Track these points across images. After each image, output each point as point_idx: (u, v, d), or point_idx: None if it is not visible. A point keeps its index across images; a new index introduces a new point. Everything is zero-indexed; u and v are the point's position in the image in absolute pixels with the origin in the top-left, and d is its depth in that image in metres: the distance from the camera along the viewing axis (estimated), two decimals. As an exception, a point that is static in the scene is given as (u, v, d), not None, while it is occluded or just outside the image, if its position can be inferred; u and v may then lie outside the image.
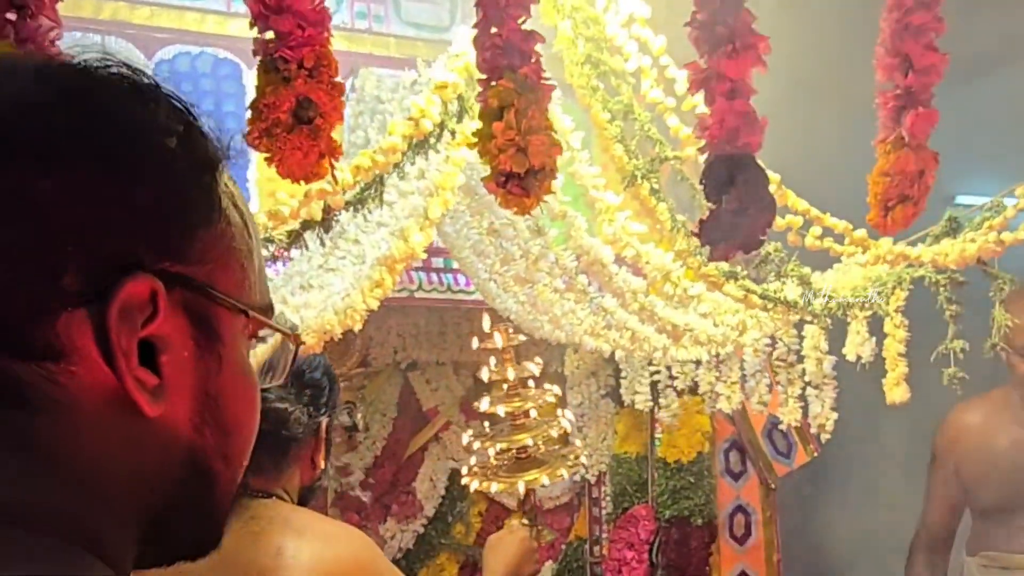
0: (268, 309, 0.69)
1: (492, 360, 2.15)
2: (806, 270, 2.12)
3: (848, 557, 3.91)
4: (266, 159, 1.26)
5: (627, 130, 2.06)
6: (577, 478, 3.71)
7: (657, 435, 3.41)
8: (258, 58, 1.37)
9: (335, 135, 1.62)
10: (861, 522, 3.81)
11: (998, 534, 2.88)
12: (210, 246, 0.63)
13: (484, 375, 2.16)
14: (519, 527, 2.15)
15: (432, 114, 1.83)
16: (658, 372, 3.17)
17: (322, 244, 1.79)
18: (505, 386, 2.17)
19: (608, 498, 3.65)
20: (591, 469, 3.66)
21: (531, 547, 2.09)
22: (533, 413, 2.17)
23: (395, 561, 3.66)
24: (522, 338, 2.18)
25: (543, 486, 2.20)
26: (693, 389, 3.04)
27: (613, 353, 2.92)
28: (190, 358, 0.62)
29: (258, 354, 0.71)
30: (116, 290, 0.57)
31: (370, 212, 1.84)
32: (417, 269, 3.08)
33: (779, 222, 2.05)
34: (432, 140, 1.87)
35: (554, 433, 2.20)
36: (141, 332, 0.58)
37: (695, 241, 1.98)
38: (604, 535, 3.67)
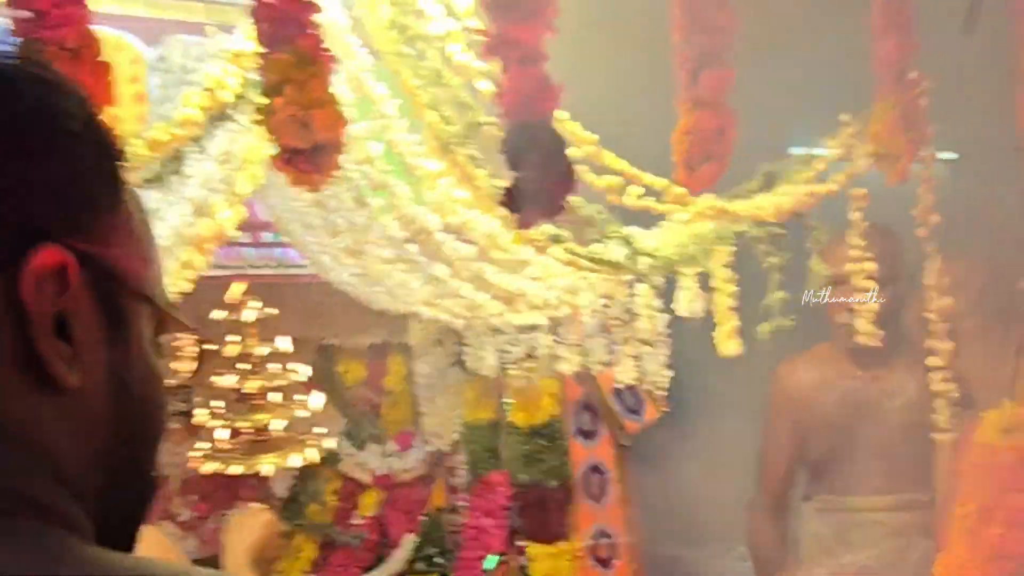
0: (171, 307, 0.72)
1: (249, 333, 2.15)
2: (628, 230, 2.16)
3: (702, 508, 4.05)
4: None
5: (440, 96, 2.05)
6: (432, 448, 3.73)
7: (505, 400, 3.44)
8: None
9: (133, 108, 1.54)
10: (713, 473, 3.95)
11: (832, 480, 3.04)
12: (115, 230, 0.65)
13: (229, 350, 2.15)
14: (262, 509, 2.10)
15: (229, 84, 1.78)
16: (503, 337, 3.20)
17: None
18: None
19: (464, 467, 3.68)
20: (444, 440, 3.68)
21: (276, 530, 2.04)
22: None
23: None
24: (274, 311, 2.17)
25: (286, 469, 2.18)
26: (532, 354, 3.08)
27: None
28: (101, 338, 0.64)
29: None
30: (28, 258, 0.58)
31: (171, 190, 1.78)
32: (246, 245, 3.02)
33: (598, 182, 2.08)
34: (231, 112, 1.82)
35: (299, 414, 2.19)
36: (54, 305, 0.60)
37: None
38: (462, 504, 3.70)
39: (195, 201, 1.88)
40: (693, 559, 4.60)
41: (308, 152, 1.32)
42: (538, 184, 1.38)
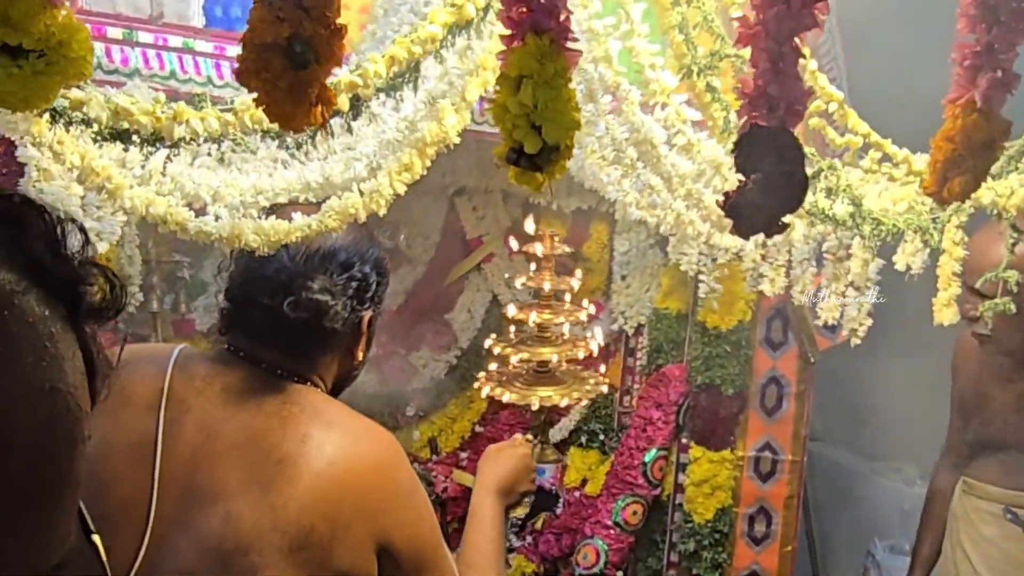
0: None
1: (531, 266, 2.22)
2: (859, 192, 2.11)
3: (881, 437, 4.04)
4: (254, 100, 1.26)
5: (689, 17, 2.02)
6: (615, 327, 3.82)
7: (700, 296, 3.46)
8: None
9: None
10: (899, 401, 3.91)
11: (979, 461, 3.06)
12: None
13: (518, 283, 2.23)
14: (522, 442, 2.25)
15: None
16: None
17: (349, 132, 1.82)
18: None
19: (644, 351, 3.77)
20: (630, 320, 3.76)
21: (530, 466, 2.20)
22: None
23: (425, 391, 3.86)
24: (567, 249, 2.22)
25: (558, 407, 2.29)
26: (740, 256, 3.07)
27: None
28: None
29: None
30: None
31: (402, 100, 1.85)
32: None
33: (837, 140, 2.03)
34: (475, 20, 1.86)
35: (580, 354, 2.26)
36: None
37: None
38: (636, 387, 3.81)
39: (425, 106, 1.95)
40: (858, 470, 4.64)
41: (535, 154, 1.32)
42: (763, 198, 1.35)
